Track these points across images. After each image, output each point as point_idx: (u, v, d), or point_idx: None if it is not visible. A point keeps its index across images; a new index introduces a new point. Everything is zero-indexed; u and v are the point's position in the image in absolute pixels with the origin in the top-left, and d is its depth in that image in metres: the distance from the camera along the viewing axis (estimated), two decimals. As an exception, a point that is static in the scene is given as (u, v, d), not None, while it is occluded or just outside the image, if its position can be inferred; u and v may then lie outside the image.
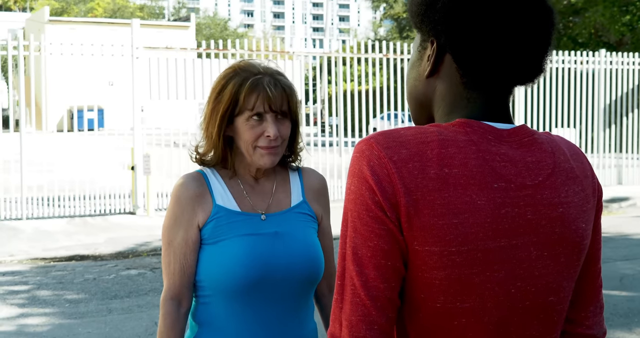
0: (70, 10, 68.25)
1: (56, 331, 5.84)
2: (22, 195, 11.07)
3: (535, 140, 1.30)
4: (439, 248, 1.19)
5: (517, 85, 1.32)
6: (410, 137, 1.23)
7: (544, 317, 1.29)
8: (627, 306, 6.37)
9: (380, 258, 1.20)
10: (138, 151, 11.55)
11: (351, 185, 1.24)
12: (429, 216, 1.18)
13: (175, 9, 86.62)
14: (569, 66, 14.71)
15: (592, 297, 1.42)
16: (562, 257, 1.28)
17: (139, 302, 6.71)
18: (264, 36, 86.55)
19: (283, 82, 2.01)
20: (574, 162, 1.33)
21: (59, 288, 7.32)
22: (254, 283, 1.95)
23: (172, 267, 2.00)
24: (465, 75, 1.29)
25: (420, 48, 1.35)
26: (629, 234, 10.38)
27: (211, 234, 2.00)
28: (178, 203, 2.01)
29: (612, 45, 25.99)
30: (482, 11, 1.25)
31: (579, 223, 1.29)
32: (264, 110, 1.97)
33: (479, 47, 1.25)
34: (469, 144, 1.23)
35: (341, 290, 1.23)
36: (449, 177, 1.20)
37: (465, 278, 1.20)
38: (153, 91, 11.87)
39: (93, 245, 9.44)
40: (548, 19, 1.30)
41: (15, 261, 8.73)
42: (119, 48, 11.69)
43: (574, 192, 1.29)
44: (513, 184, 1.23)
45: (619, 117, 15.31)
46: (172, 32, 41.03)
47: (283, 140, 2.02)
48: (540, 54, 1.30)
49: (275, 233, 2.02)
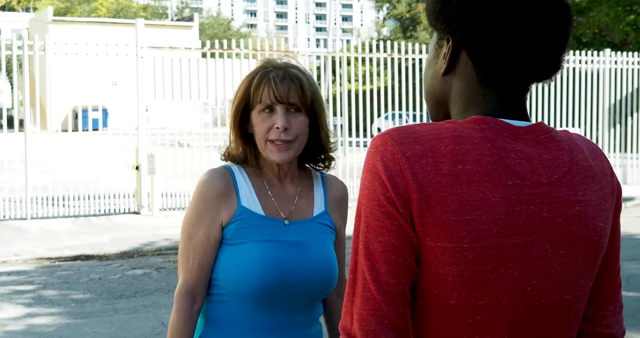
0: (74, 10, 68.34)
1: (62, 331, 5.85)
2: (26, 195, 11.08)
3: (552, 137, 1.29)
4: (451, 244, 1.18)
5: (533, 82, 1.32)
6: (425, 133, 1.23)
7: (560, 315, 1.29)
8: (634, 306, 6.36)
9: (391, 254, 1.20)
10: (142, 151, 11.55)
11: (365, 180, 1.24)
12: (442, 212, 1.18)
13: (178, 9, 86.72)
14: (574, 66, 14.69)
15: (612, 296, 1.41)
16: (579, 256, 1.27)
17: (145, 302, 6.71)
18: (267, 36, 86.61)
19: (292, 74, 1.99)
20: (593, 160, 1.32)
21: (64, 288, 7.32)
22: (269, 289, 1.95)
23: (191, 261, 1.99)
24: (481, 72, 1.29)
25: (437, 46, 1.35)
26: (635, 234, 10.37)
27: (233, 235, 1.98)
28: (203, 200, 1.99)
29: (616, 45, 25.97)
30: (497, 8, 1.25)
31: (596, 222, 1.28)
32: (272, 102, 1.96)
33: (495, 44, 1.25)
34: (484, 141, 1.23)
35: (353, 284, 1.24)
36: (462, 173, 1.19)
37: (479, 275, 1.20)
38: (157, 91, 11.88)
39: (98, 245, 9.44)
40: (564, 15, 1.29)
41: (21, 261, 8.74)
42: (123, 48, 11.70)
43: (592, 190, 1.29)
44: (528, 181, 1.23)
45: (623, 116, 15.29)
46: (175, 32, 41.08)
47: (296, 135, 1.99)
48: (557, 50, 1.29)
49: (296, 242, 2.01)
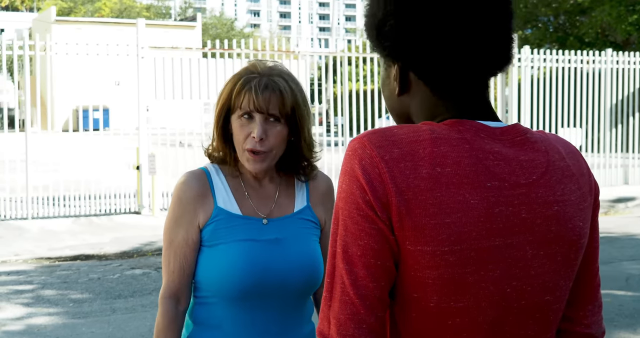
0: (77, 10, 68.43)
1: (60, 331, 5.85)
2: (27, 195, 11.09)
3: (527, 139, 1.29)
4: (431, 247, 1.18)
5: (489, 79, 1.32)
6: (403, 135, 1.23)
7: (540, 316, 1.28)
8: (632, 306, 6.34)
9: (369, 258, 1.20)
10: (143, 151, 11.56)
11: (343, 183, 1.24)
12: (421, 216, 1.18)
13: (181, 9, 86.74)
14: (575, 66, 14.66)
15: (591, 295, 1.41)
16: (558, 256, 1.27)
17: (143, 302, 6.71)
18: (270, 36, 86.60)
19: (277, 84, 1.96)
20: (570, 160, 1.32)
21: (63, 288, 7.33)
22: (251, 289, 1.95)
23: (172, 265, 2.00)
24: (434, 88, 1.29)
25: (386, 66, 1.35)
26: (636, 234, 10.34)
27: (210, 237, 1.98)
28: (179, 203, 2.00)
29: (618, 45, 25.93)
30: (431, 28, 1.24)
31: (575, 222, 1.28)
32: (250, 109, 1.95)
33: (439, 62, 1.25)
34: (462, 142, 1.22)
35: (330, 288, 1.23)
36: (441, 176, 1.19)
37: (459, 278, 1.19)
38: (158, 91, 11.88)
39: (98, 245, 9.45)
40: (502, 15, 1.28)
41: (21, 260, 8.74)
42: (124, 48, 11.71)
43: (570, 190, 1.28)
44: (507, 183, 1.22)
45: (625, 116, 15.26)
46: (178, 32, 41.10)
47: (272, 146, 1.97)
48: (502, 47, 1.28)
49: (275, 239, 2.00)
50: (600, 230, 8.98)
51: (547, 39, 29.38)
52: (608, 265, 8.10)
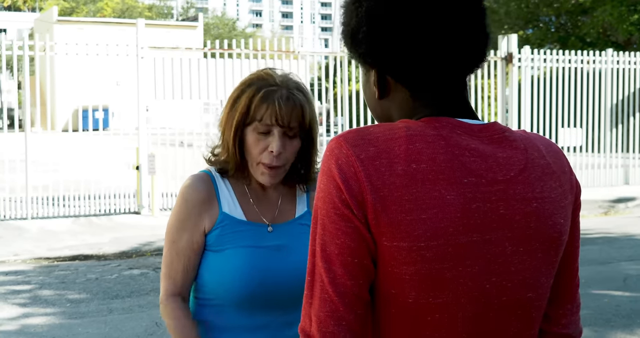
0: (79, 10, 68.47)
1: (56, 331, 5.85)
2: (27, 195, 11.10)
3: (506, 137, 1.29)
4: (407, 243, 1.19)
5: (465, 76, 1.33)
6: (379, 134, 1.24)
7: (522, 313, 1.28)
8: (629, 307, 6.33)
9: (347, 256, 1.21)
10: (143, 151, 11.57)
11: (321, 183, 1.25)
12: (397, 212, 1.18)
13: (183, 9, 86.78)
14: (576, 66, 14.65)
15: (569, 295, 1.41)
16: (539, 253, 1.27)
17: (140, 302, 6.71)
18: (272, 36, 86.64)
19: (297, 98, 1.96)
20: (550, 158, 1.32)
21: (60, 288, 7.33)
22: (253, 295, 1.96)
23: (175, 266, 2.00)
24: (412, 90, 1.31)
25: (365, 71, 1.37)
26: (635, 234, 10.33)
27: (215, 241, 1.99)
28: (185, 206, 1.99)
29: (620, 45, 25.91)
30: (402, 32, 1.25)
31: (556, 219, 1.28)
32: (271, 123, 1.93)
33: (413, 64, 1.26)
34: (438, 139, 1.23)
35: (311, 286, 1.24)
36: (416, 172, 1.19)
37: (437, 274, 1.20)
38: (158, 91, 11.88)
39: (97, 245, 9.46)
40: (473, 13, 1.29)
41: (19, 261, 8.75)
42: (124, 48, 11.71)
43: (550, 187, 1.29)
44: (484, 179, 1.23)
45: (625, 116, 15.24)
46: (180, 32, 41.13)
47: (287, 160, 1.98)
48: (475, 45, 1.29)
49: (277, 246, 2.01)
50: (600, 230, 8.96)
51: (548, 39, 29.36)
52: (606, 266, 8.10)
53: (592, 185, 14.54)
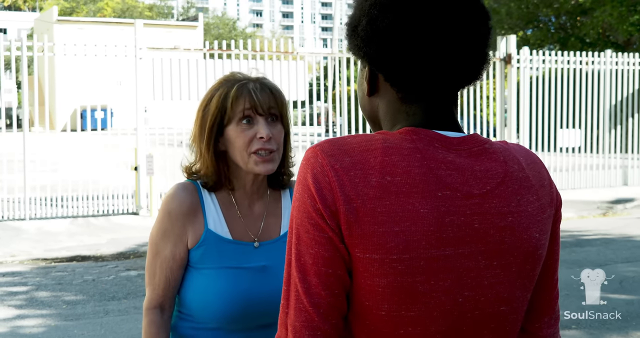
0: (79, 10, 68.42)
1: (51, 333, 5.85)
2: (25, 195, 11.10)
3: (485, 149, 1.29)
4: (379, 255, 1.19)
5: (457, 91, 1.32)
6: (356, 145, 1.24)
7: (496, 326, 1.28)
8: (625, 309, 6.32)
9: (321, 266, 1.21)
10: (141, 151, 11.57)
11: (296, 192, 1.26)
12: (370, 223, 1.18)
13: (184, 9, 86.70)
14: (575, 67, 14.63)
15: (548, 307, 1.40)
16: (513, 267, 1.27)
17: (136, 304, 6.70)
18: (273, 36, 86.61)
19: (269, 84, 1.98)
20: (530, 171, 1.31)
21: (57, 290, 7.33)
22: (234, 316, 1.95)
23: (157, 278, 1.99)
24: (399, 91, 1.30)
25: (361, 67, 1.37)
26: (633, 236, 10.31)
27: (199, 260, 1.98)
28: (168, 217, 1.97)
29: (620, 45, 25.88)
30: (399, 32, 1.24)
31: (531, 233, 1.27)
32: (253, 114, 1.94)
33: (404, 66, 1.26)
34: (414, 152, 1.23)
35: (287, 296, 1.25)
36: (391, 185, 1.19)
37: (409, 286, 1.20)
38: (157, 91, 11.88)
39: (95, 246, 9.45)
40: (476, 22, 1.27)
41: (16, 262, 8.75)
42: (122, 48, 11.71)
43: (527, 201, 1.28)
44: (459, 193, 1.23)
45: (624, 117, 15.23)
46: (180, 32, 41.08)
47: (278, 144, 1.97)
48: (471, 62, 1.28)
49: (261, 267, 2.00)
50: (598, 231, 8.89)
51: (548, 39, 29.33)
52: (603, 267, 8.08)
53: (590, 186, 14.54)
